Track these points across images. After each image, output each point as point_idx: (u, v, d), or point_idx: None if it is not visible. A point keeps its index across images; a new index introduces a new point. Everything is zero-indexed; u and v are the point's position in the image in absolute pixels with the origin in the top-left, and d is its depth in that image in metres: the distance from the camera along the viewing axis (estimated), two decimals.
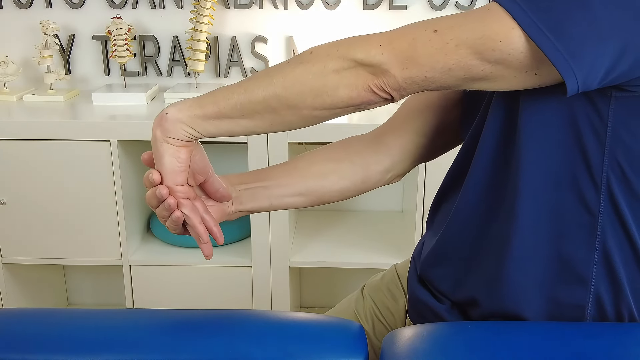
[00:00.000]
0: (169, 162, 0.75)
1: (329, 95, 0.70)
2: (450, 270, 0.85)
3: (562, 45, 0.63)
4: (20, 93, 1.92)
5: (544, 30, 0.63)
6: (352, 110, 0.73)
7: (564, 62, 0.63)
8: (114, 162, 1.69)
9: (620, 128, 0.70)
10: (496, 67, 0.67)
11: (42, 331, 0.73)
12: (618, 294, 0.76)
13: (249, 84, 0.73)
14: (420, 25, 0.69)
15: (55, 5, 1.96)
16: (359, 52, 0.69)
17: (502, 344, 0.71)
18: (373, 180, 0.95)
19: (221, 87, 0.75)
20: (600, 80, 0.65)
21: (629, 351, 0.71)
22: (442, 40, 0.67)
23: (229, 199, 0.86)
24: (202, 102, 0.74)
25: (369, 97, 0.71)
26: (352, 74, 0.69)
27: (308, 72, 0.70)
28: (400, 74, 0.68)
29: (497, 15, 0.65)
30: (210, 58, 1.99)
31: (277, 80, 0.71)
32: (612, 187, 0.72)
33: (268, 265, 1.79)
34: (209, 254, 0.80)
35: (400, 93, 0.71)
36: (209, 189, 0.83)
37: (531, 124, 0.72)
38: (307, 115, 0.72)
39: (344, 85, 0.70)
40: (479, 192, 0.80)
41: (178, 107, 0.74)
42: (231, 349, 0.69)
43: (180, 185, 0.77)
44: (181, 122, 0.73)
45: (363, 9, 1.93)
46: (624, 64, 0.65)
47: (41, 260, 1.82)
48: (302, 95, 0.70)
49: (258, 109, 0.72)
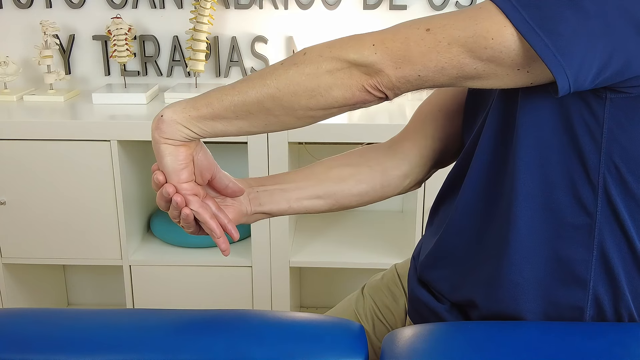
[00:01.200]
0: (170, 162, 0.76)
1: (323, 96, 0.71)
2: (448, 272, 0.85)
3: (552, 42, 0.63)
4: (20, 93, 1.92)
5: (535, 27, 0.64)
6: (347, 109, 0.73)
7: (554, 59, 0.64)
8: (114, 162, 1.69)
9: (616, 129, 0.70)
10: (488, 65, 0.67)
11: (42, 331, 0.73)
12: (617, 295, 0.75)
13: (243, 85, 0.73)
14: (412, 24, 0.69)
15: (55, 5, 1.96)
16: (352, 52, 0.69)
17: (502, 344, 0.71)
18: (392, 186, 0.95)
19: (216, 87, 0.75)
20: (592, 79, 0.65)
21: (629, 351, 0.70)
22: (434, 38, 0.67)
23: (241, 192, 0.85)
24: (196, 104, 0.74)
25: (364, 97, 0.71)
26: (346, 74, 0.70)
27: (301, 73, 0.71)
28: (394, 73, 0.68)
29: (489, 13, 0.66)
30: (211, 58, 1.99)
31: (271, 81, 0.72)
32: (609, 188, 0.72)
33: (268, 265, 1.79)
34: (225, 249, 0.80)
35: (395, 92, 0.71)
36: (218, 186, 0.83)
37: (527, 125, 0.73)
38: (302, 115, 0.73)
39: (338, 86, 0.70)
40: (477, 194, 0.80)
41: (173, 109, 0.75)
42: (231, 349, 0.69)
43: (185, 183, 0.77)
44: (177, 123, 0.74)
45: (363, 9, 1.93)
46: (616, 64, 0.65)
47: (41, 260, 1.82)
48: (296, 96, 0.71)
49: (252, 109, 0.73)
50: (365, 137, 1.65)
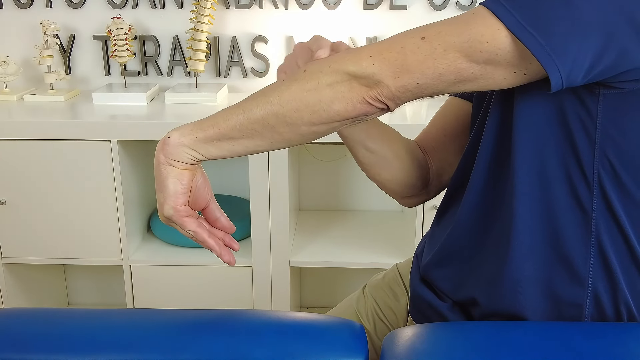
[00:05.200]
0: (172, 184, 0.76)
1: (325, 111, 0.71)
2: (452, 271, 0.86)
3: (546, 41, 0.65)
4: (21, 93, 1.92)
5: (528, 28, 0.65)
6: (350, 123, 0.74)
7: (548, 57, 0.65)
8: (114, 162, 1.69)
9: (610, 125, 0.71)
10: (485, 68, 0.68)
11: (42, 331, 0.73)
12: (615, 290, 0.76)
13: (247, 104, 0.74)
14: (408, 33, 0.70)
15: (56, 5, 1.96)
16: (351, 65, 0.70)
17: (503, 344, 0.71)
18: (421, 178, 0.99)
19: (222, 109, 0.76)
20: (584, 75, 0.66)
21: (629, 351, 0.71)
22: (430, 46, 0.68)
23: (232, 230, 0.84)
24: (202, 125, 0.75)
25: (365, 109, 0.72)
26: (346, 87, 0.71)
27: (302, 89, 0.72)
28: (393, 83, 0.69)
29: (482, 17, 0.67)
30: (211, 58, 1.99)
31: (274, 99, 0.72)
32: (603, 183, 0.73)
33: (268, 265, 1.79)
34: (229, 260, 0.80)
35: (395, 102, 0.72)
36: (210, 217, 0.82)
37: (523, 122, 0.74)
38: (305, 131, 0.74)
39: (339, 99, 0.71)
40: (480, 193, 0.81)
41: (180, 131, 0.75)
42: (231, 349, 0.69)
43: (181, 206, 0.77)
44: (184, 146, 0.75)
45: (363, 9, 1.93)
46: (608, 59, 0.66)
47: (41, 260, 1.82)
48: (299, 112, 0.72)
49: (257, 128, 0.73)
50: None
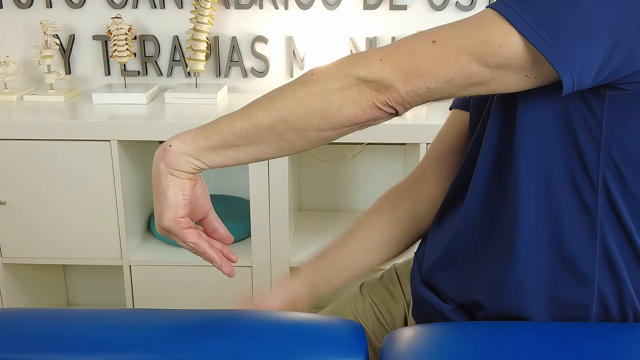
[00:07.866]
0: (173, 195, 0.73)
1: (334, 116, 0.70)
2: (454, 274, 0.85)
3: (556, 42, 0.64)
4: (21, 93, 1.92)
5: (538, 30, 0.64)
6: (358, 128, 0.73)
7: (560, 60, 0.64)
8: (114, 162, 1.69)
9: (615, 127, 0.71)
10: (496, 72, 0.67)
11: (42, 331, 0.73)
12: (621, 291, 0.76)
13: (252, 109, 0.72)
14: (417, 37, 0.69)
15: (56, 5, 1.96)
16: (361, 69, 0.68)
17: (503, 345, 0.71)
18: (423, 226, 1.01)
19: (223, 115, 0.73)
20: (594, 77, 0.66)
21: (634, 351, 0.70)
22: (441, 49, 0.67)
23: (230, 241, 0.83)
24: (205, 132, 0.72)
25: (374, 114, 0.71)
26: (356, 91, 0.69)
27: (311, 93, 0.70)
28: (404, 88, 0.68)
29: (493, 20, 0.66)
30: (211, 58, 1.99)
31: (280, 104, 0.70)
32: (608, 185, 0.73)
33: (268, 265, 1.79)
34: (228, 272, 0.79)
35: (405, 107, 0.71)
36: (208, 228, 0.81)
37: (527, 125, 0.73)
38: (313, 137, 0.71)
39: (349, 104, 0.69)
40: (482, 196, 0.81)
41: (182, 139, 0.72)
42: (231, 349, 0.69)
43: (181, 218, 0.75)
44: (186, 154, 0.72)
45: (363, 9, 1.93)
46: (616, 60, 0.65)
47: (41, 260, 1.82)
48: (307, 118, 0.70)
49: (263, 134, 0.71)
50: (365, 137, 1.64)
